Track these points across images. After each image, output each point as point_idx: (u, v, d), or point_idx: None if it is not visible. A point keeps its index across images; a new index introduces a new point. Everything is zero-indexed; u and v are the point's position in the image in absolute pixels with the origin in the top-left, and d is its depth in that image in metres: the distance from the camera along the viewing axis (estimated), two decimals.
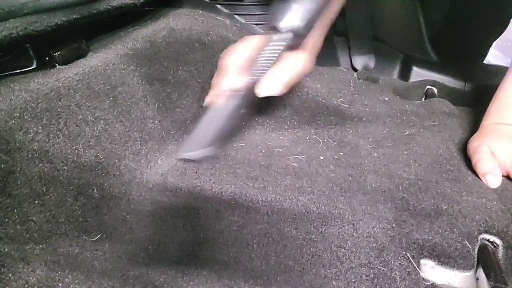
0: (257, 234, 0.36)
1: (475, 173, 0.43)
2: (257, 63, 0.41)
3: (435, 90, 0.67)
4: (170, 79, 0.50)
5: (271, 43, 0.41)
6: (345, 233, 0.36)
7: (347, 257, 0.34)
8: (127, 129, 0.43)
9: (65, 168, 0.36)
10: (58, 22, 0.38)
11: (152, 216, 0.38)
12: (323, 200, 0.38)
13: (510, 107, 0.47)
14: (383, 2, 0.79)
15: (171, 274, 0.32)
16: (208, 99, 0.44)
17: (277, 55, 0.41)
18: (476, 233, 0.35)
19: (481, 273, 0.32)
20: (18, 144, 0.33)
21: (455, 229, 0.35)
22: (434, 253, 0.34)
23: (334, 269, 0.33)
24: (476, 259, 0.34)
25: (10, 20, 0.35)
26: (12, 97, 0.34)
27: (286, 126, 0.54)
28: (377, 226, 0.36)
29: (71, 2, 0.39)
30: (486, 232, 0.35)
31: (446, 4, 0.72)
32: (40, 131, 0.35)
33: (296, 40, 0.41)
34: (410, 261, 0.34)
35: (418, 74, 0.71)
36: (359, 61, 0.72)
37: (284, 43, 0.40)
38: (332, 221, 0.37)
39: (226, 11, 0.63)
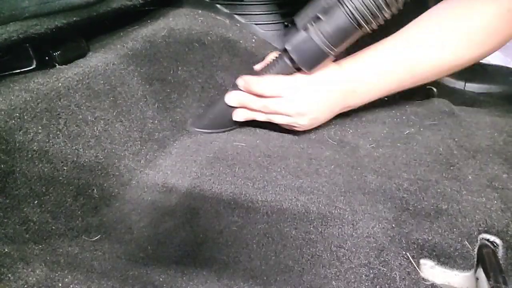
0: (257, 234, 0.36)
1: (475, 171, 0.42)
2: (266, 66, 0.48)
3: (435, 90, 0.67)
4: (170, 79, 0.50)
5: (277, 57, 0.47)
6: (345, 233, 0.36)
7: (347, 257, 0.34)
8: (127, 129, 0.43)
9: (65, 168, 0.36)
10: (59, 25, 0.38)
11: (152, 216, 0.38)
12: (323, 200, 0.38)
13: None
14: None
15: (171, 274, 0.32)
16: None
17: (278, 69, 0.46)
18: (476, 233, 0.35)
19: (481, 273, 0.32)
20: (18, 144, 0.33)
21: (455, 229, 0.35)
22: (434, 253, 0.34)
23: (334, 269, 0.33)
24: (476, 259, 0.33)
25: (11, 23, 0.35)
26: (12, 97, 0.34)
27: None
28: (377, 226, 0.36)
29: (71, 6, 0.39)
30: (486, 232, 0.35)
31: None
32: (40, 131, 0.35)
33: (296, 65, 0.45)
34: (410, 261, 0.34)
35: None
36: None
37: (284, 62, 0.45)
38: (332, 221, 0.36)
39: (226, 11, 0.63)
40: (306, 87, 0.45)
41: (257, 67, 0.52)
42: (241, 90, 0.48)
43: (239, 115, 0.49)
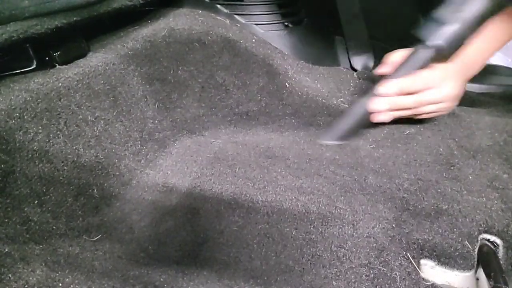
0: (257, 234, 0.36)
1: (475, 171, 0.43)
2: (400, 67, 0.50)
3: None
4: (170, 79, 0.50)
5: (416, 54, 0.49)
6: (345, 233, 0.36)
7: (347, 257, 0.34)
8: (127, 129, 0.43)
9: (65, 168, 0.36)
10: (59, 25, 0.38)
11: (152, 216, 0.38)
12: (323, 200, 0.38)
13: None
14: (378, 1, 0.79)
15: (171, 274, 0.32)
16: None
17: (419, 65, 0.49)
18: (476, 233, 0.35)
19: (481, 273, 0.32)
20: (18, 144, 0.33)
21: (455, 229, 0.35)
22: (434, 253, 0.34)
23: (334, 269, 0.33)
24: (476, 259, 0.34)
25: (11, 23, 0.35)
26: (12, 97, 0.34)
27: (286, 126, 0.54)
28: (377, 226, 0.36)
29: (72, 5, 0.39)
30: (486, 232, 0.35)
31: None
32: (40, 131, 0.35)
33: (439, 56, 0.48)
34: (410, 261, 0.34)
35: None
36: (358, 61, 0.72)
37: (428, 56, 0.48)
38: (332, 221, 0.37)
39: (226, 11, 0.63)
40: (451, 73, 0.50)
41: (382, 70, 0.54)
42: (381, 95, 0.50)
43: (385, 117, 0.51)
